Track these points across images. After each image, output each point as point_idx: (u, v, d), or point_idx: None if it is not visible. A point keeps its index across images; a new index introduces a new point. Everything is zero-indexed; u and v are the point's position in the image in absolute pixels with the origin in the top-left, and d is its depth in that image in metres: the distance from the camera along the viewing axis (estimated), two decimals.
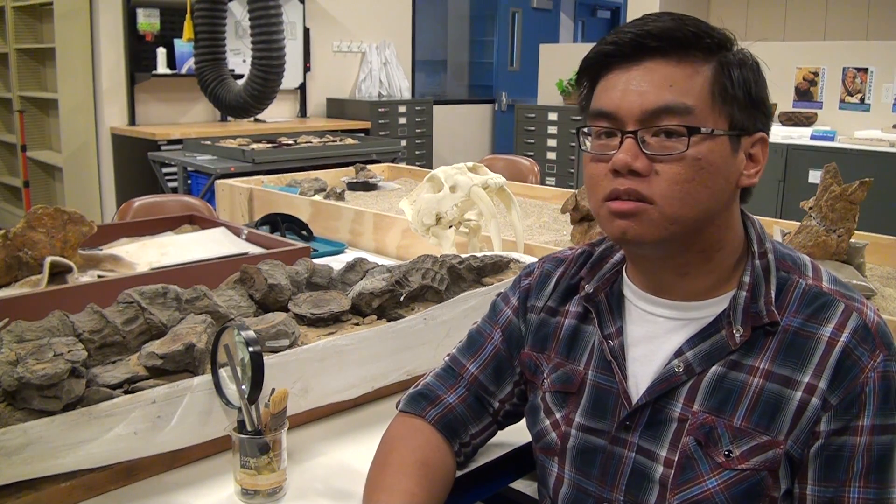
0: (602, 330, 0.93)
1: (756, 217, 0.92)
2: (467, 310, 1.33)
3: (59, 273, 1.57)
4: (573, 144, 5.66)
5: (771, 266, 0.87)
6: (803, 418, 0.81)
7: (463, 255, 1.47)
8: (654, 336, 0.89)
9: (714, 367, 0.85)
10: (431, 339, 1.29)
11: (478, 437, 1.04)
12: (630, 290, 0.93)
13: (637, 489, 0.87)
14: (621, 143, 0.82)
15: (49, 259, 1.54)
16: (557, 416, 0.95)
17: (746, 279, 0.85)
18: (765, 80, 0.86)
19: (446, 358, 1.08)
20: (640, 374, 0.89)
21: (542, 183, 3.22)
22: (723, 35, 0.84)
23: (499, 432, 1.07)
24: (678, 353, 0.86)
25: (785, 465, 0.82)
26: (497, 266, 1.48)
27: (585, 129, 0.88)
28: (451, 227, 1.81)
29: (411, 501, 0.90)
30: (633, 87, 0.82)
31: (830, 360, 0.81)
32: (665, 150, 0.81)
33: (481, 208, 1.78)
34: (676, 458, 0.84)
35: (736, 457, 0.82)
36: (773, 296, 0.85)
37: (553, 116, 6.00)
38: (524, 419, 1.03)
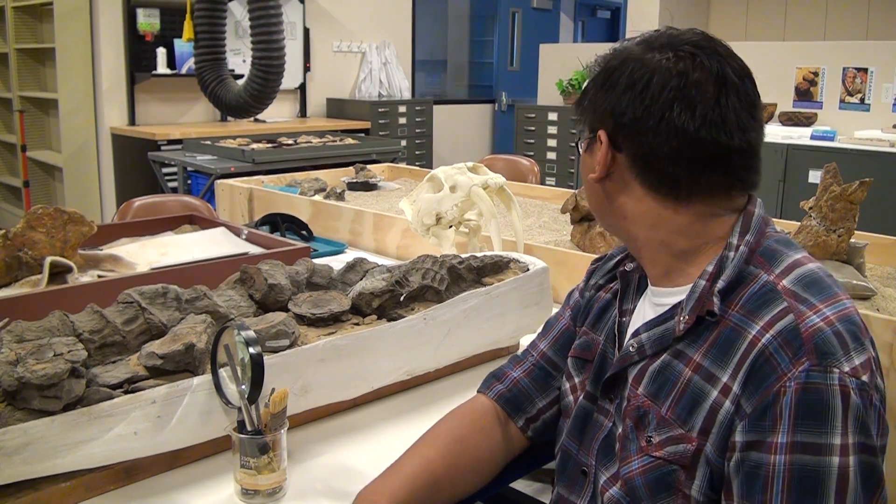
0: (621, 304, 0.97)
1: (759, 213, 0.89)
2: (467, 310, 1.33)
3: (59, 273, 1.57)
4: (573, 144, 5.65)
5: (737, 258, 0.83)
6: (716, 421, 0.78)
7: (463, 255, 1.47)
8: (644, 319, 0.93)
9: (664, 356, 0.85)
10: (431, 339, 1.29)
11: (546, 410, 1.06)
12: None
13: (604, 457, 0.90)
14: None
15: (49, 259, 1.54)
16: (576, 381, 1.00)
17: (710, 269, 0.84)
18: None
19: (508, 347, 1.16)
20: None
21: (542, 183, 3.22)
22: None
23: None
24: (635, 334, 0.89)
25: (703, 466, 0.79)
26: (497, 266, 1.48)
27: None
28: (451, 227, 1.81)
29: (426, 467, 0.94)
30: None
31: (747, 361, 0.76)
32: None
33: (481, 208, 1.78)
34: (621, 435, 0.87)
35: (654, 444, 0.82)
36: (719, 285, 0.82)
37: (553, 116, 6.00)
38: None
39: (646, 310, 0.93)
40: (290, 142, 4.55)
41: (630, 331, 0.93)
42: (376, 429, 1.19)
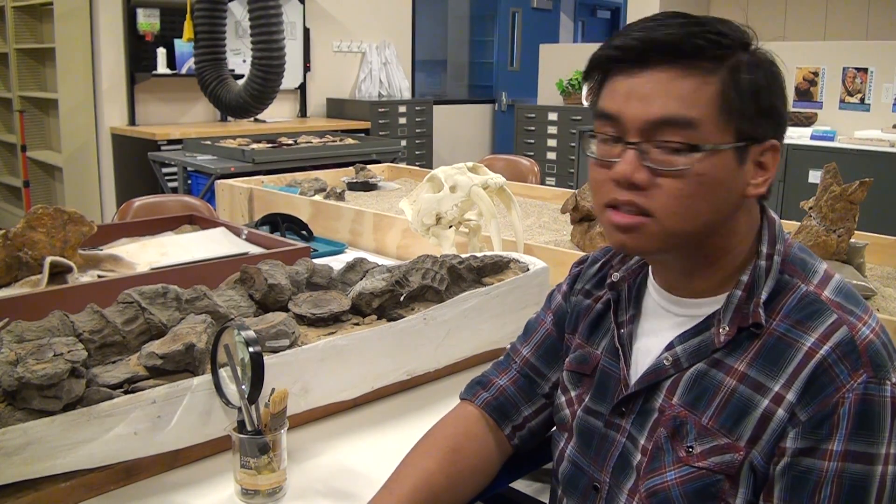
0: (616, 317, 0.95)
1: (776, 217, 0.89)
2: (467, 310, 1.33)
3: (59, 273, 1.57)
4: (573, 144, 5.65)
5: (773, 268, 0.84)
6: (768, 429, 0.78)
7: (463, 255, 1.47)
8: (660, 329, 0.90)
9: (698, 364, 0.84)
10: (431, 339, 1.29)
11: (532, 419, 1.05)
12: (651, 284, 0.94)
13: (620, 473, 0.89)
14: (623, 151, 0.81)
15: (49, 259, 1.54)
16: (572, 394, 0.99)
17: (745, 279, 0.84)
18: (781, 83, 0.84)
19: (508, 347, 1.12)
20: (642, 363, 0.91)
21: (542, 183, 3.22)
22: (738, 37, 0.81)
23: None
24: (669, 346, 0.87)
25: (747, 474, 0.79)
26: (497, 266, 1.48)
27: (591, 133, 0.86)
28: (451, 227, 1.81)
29: (427, 479, 0.93)
30: (637, 95, 0.80)
31: (804, 372, 0.77)
32: (666, 164, 0.79)
33: (481, 208, 1.78)
34: (650, 447, 0.86)
35: (696, 454, 0.81)
36: (762, 297, 0.82)
37: (553, 116, 6.00)
38: None
39: (660, 322, 0.90)
40: (290, 142, 4.55)
41: (639, 344, 0.92)
42: (376, 429, 1.19)
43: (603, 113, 0.84)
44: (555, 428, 1.03)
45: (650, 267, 0.95)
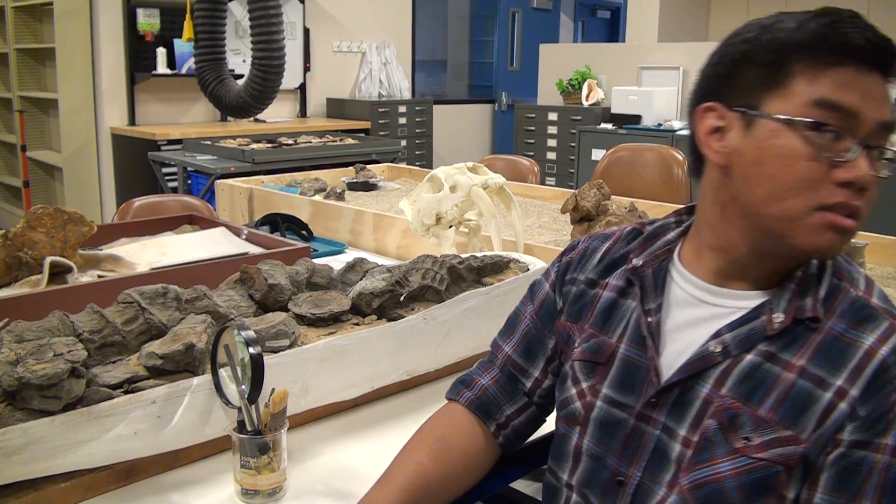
0: (644, 304, 0.92)
1: None
2: (467, 310, 1.33)
3: (59, 273, 1.57)
4: (573, 144, 5.65)
5: (829, 269, 0.86)
6: (828, 421, 0.79)
7: (463, 255, 1.47)
8: (694, 320, 0.89)
9: (749, 356, 0.83)
10: (431, 339, 1.29)
11: (515, 417, 1.04)
12: (678, 272, 0.92)
13: (655, 466, 0.87)
14: (847, 151, 0.78)
15: (49, 259, 1.54)
16: (584, 385, 0.95)
17: (799, 273, 0.85)
18: None
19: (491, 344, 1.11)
20: (672, 353, 0.89)
21: (542, 183, 3.22)
22: None
23: None
24: (716, 335, 0.86)
25: (802, 466, 0.80)
26: (497, 266, 1.48)
27: (810, 120, 0.78)
28: (451, 227, 1.81)
29: (419, 471, 0.94)
30: (871, 95, 0.79)
31: (867, 370, 0.79)
32: (877, 170, 0.80)
33: (481, 208, 1.78)
34: (696, 439, 0.84)
35: (754, 445, 0.81)
36: (821, 295, 0.84)
37: (553, 116, 5.99)
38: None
39: (692, 311, 0.90)
40: (290, 142, 4.55)
41: (669, 334, 0.90)
42: (376, 429, 1.19)
43: (835, 104, 0.78)
44: (557, 424, 0.99)
45: (678, 256, 0.93)
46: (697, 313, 0.89)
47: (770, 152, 0.80)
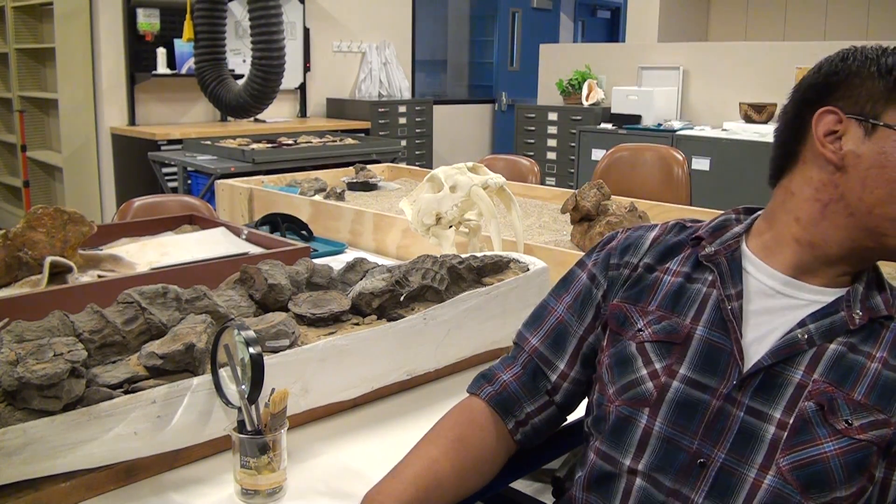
0: (724, 289, 0.96)
1: None
2: (467, 310, 1.33)
3: (59, 273, 1.57)
4: (573, 144, 5.65)
5: (882, 274, 0.96)
6: None
7: (463, 255, 1.47)
8: (770, 308, 0.94)
9: (833, 345, 0.90)
10: (431, 339, 1.29)
11: (535, 415, 1.06)
12: (751, 262, 0.98)
13: (744, 447, 0.89)
14: None
15: (49, 259, 1.54)
16: (658, 366, 0.96)
17: (865, 277, 0.94)
18: None
19: (509, 346, 1.12)
20: (752, 338, 0.93)
21: (542, 183, 3.22)
22: None
23: None
24: (801, 324, 0.92)
25: (886, 448, 0.87)
26: (497, 266, 1.48)
27: None
28: (451, 227, 1.81)
29: (431, 466, 0.95)
30: None
31: None
32: None
33: (481, 208, 1.78)
34: (791, 421, 0.88)
35: (855, 427, 0.86)
36: (890, 296, 0.93)
37: (553, 116, 5.99)
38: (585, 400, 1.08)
39: (770, 301, 0.95)
40: (290, 142, 4.55)
41: (749, 321, 0.94)
42: (376, 429, 1.19)
43: None
44: (613, 409, 0.97)
45: (748, 246, 0.99)
46: (773, 303, 0.95)
47: (894, 158, 0.88)
